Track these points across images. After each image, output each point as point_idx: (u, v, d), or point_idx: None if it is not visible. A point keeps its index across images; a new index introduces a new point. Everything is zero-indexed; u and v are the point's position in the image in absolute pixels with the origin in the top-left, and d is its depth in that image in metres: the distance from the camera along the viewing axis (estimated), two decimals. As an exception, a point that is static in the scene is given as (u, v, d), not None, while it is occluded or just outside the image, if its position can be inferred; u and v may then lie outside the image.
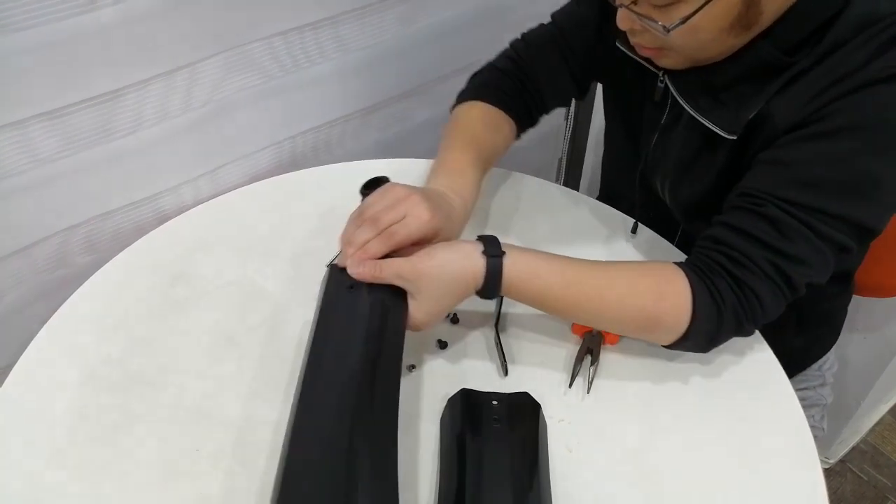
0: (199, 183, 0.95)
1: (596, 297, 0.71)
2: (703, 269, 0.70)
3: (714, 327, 0.69)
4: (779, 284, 0.68)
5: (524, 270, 0.70)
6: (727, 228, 0.69)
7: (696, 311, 0.68)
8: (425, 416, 0.73)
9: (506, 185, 1.03)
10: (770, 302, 0.68)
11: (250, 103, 0.94)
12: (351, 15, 0.96)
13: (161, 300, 0.84)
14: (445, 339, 0.80)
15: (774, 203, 0.66)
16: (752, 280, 0.68)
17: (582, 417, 0.73)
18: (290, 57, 0.94)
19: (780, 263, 0.67)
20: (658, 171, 0.85)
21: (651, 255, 0.91)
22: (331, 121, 1.05)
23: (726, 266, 0.69)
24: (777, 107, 0.68)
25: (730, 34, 0.66)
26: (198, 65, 0.86)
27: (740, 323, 0.69)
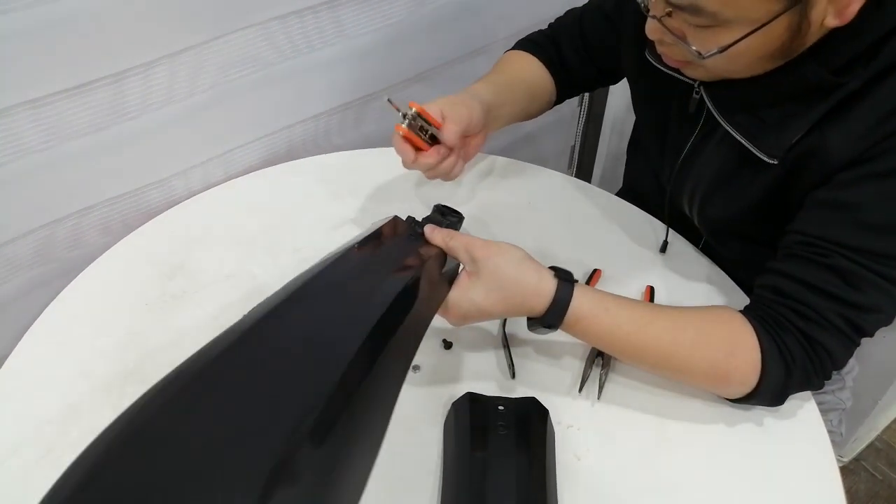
0: (195, 173, 0.92)
1: (667, 342, 0.67)
2: (772, 324, 0.66)
3: (783, 385, 0.66)
4: (850, 336, 0.64)
5: (594, 304, 0.66)
6: (792, 281, 0.65)
7: (766, 370, 0.65)
8: (428, 420, 0.70)
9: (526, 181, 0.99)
10: (841, 354, 0.65)
11: (246, 92, 0.91)
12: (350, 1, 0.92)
13: (158, 293, 0.81)
14: (451, 339, 0.77)
15: (841, 253, 0.62)
16: (822, 335, 0.64)
17: (591, 424, 0.70)
18: (289, 42, 0.91)
19: (850, 316, 0.63)
20: (686, 186, 0.79)
21: (681, 268, 0.86)
22: (331, 109, 1.02)
23: (795, 322, 0.64)
24: (831, 136, 0.62)
25: (769, 61, 0.61)
26: (190, 51, 0.82)
27: (809, 379, 0.66)
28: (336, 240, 0.87)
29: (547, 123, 1.41)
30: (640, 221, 0.93)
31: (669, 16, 0.60)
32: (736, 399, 0.69)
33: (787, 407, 0.70)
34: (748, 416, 0.71)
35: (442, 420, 0.70)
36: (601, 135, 1.49)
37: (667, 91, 0.76)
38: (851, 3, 0.54)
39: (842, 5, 0.54)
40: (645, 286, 0.83)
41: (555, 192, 0.97)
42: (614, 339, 0.68)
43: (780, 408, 0.70)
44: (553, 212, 0.94)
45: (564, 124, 1.46)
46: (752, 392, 0.67)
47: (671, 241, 0.88)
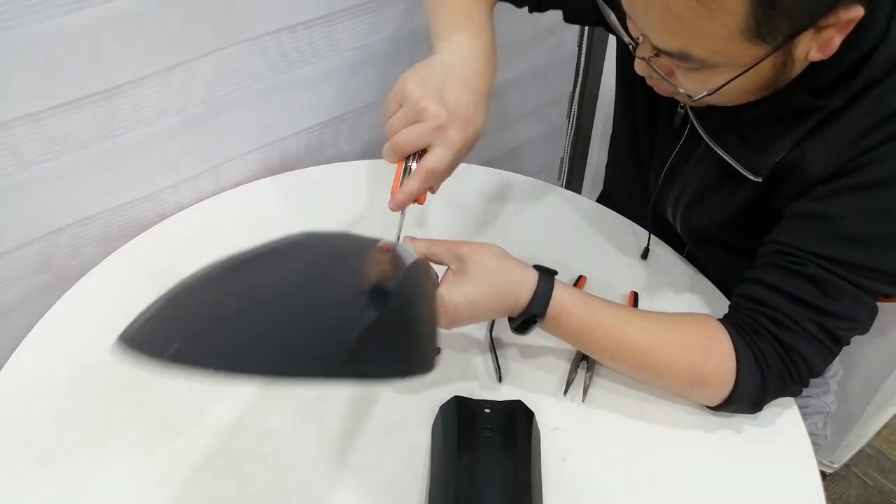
0: (187, 186, 0.94)
1: (644, 342, 0.69)
2: (748, 330, 0.67)
3: (759, 391, 0.68)
4: (825, 343, 0.66)
5: (575, 297, 0.68)
6: (768, 289, 0.67)
7: (741, 375, 0.67)
8: (416, 424, 0.71)
9: (511, 191, 1.01)
10: (817, 361, 0.67)
11: (239, 106, 0.93)
12: (344, 14, 0.94)
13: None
14: (439, 345, 0.78)
15: (815, 262, 0.64)
16: (797, 342, 0.66)
17: (577, 426, 0.72)
18: (281, 57, 0.93)
19: (825, 323, 0.65)
20: (670, 195, 0.81)
21: (664, 275, 0.88)
22: (324, 121, 1.04)
23: (770, 329, 0.66)
24: (810, 151, 0.64)
25: (755, 94, 0.63)
26: (186, 65, 0.84)
27: (786, 385, 0.68)
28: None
29: (535, 136, 1.43)
30: (624, 228, 0.95)
31: (657, 56, 0.60)
32: (714, 407, 0.71)
33: (767, 413, 0.71)
34: (729, 422, 0.72)
35: (430, 423, 0.71)
36: (590, 146, 1.51)
37: (653, 100, 0.78)
38: (833, 38, 0.55)
39: (824, 41, 0.56)
40: (629, 292, 0.84)
41: (540, 201, 0.99)
42: (593, 336, 0.69)
43: (761, 414, 0.71)
44: (538, 220, 0.95)
45: (553, 136, 1.48)
46: (728, 398, 0.68)
47: (653, 247, 0.90)
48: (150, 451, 0.69)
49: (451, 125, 0.66)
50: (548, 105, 1.40)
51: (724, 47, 0.55)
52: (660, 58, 0.60)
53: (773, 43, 0.54)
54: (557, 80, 1.37)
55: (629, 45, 0.63)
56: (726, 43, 0.54)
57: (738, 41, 0.54)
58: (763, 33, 0.53)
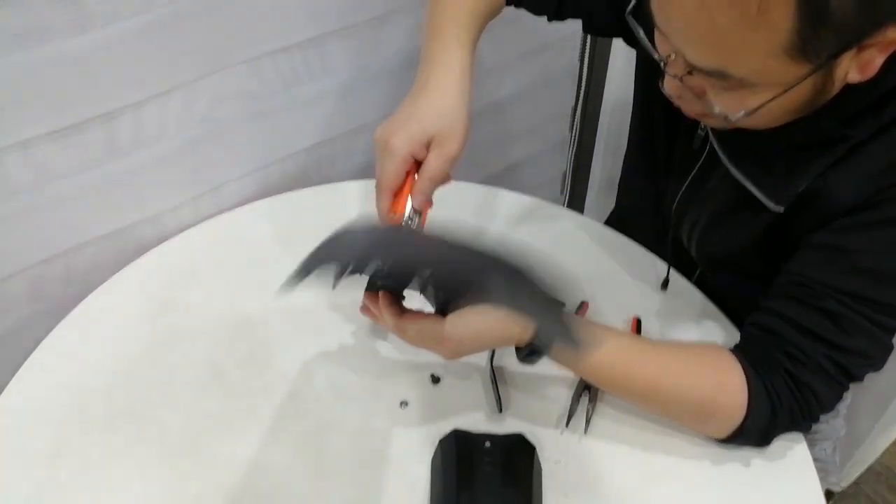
0: (185, 209, 0.93)
1: (653, 371, 0.67)
2: (760, 363, 0.66)
3: (768, 425, 0.66)
4: (838, 379, 0.64)
5: (585, 327, 0.68)
6: (783, 321, 0.65)
7: (751, 408, 0.65)
8: (415, 457, 0.70)
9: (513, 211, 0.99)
10: (828, 397, 0.65)
11: (237, 126, 0.92)
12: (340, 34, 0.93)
13: (148, 330, 0.82)
14: (439, 374, 0.77)
15: (834, 297, 0.62)
16: (810, 377, 0.64)
17: (579, 459, 0.70)
18: (278, 78, 0.92)
19: (839, 359, 0.63)
20: (686, 218, 0.79)
21: (675, 303, 0.86)
22: (321, 141, 1.03)
23: (783, 362, 0.65)
24: (834, 182, 0.61)
25: (790, 116, 0.60)
26: (182, 89, 0.83)
27: (795, 420, 0.66)
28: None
29: (538, 150, 1.42)
30: (633, 252, 0.93)
31: (690, 74, 0.57)
32: (722, 439, 0.69)
33: (775, 446, 0.70)
34: (735, 454, 0.71)
35: (429, 457, 0.70)
36: (593, 160, 1.50)
37: (672, 119, 0.75)
38: (874, 59, 0.53)
39: (864, 62, 0.53)
40: (631, 317, 0.83)
41: (543, 223, 0.97)
42: (601, 366, 0.68)
43: (768, 448, 0.70)
44: (541, 243, 0.94)
45: (556, 151, 1.47)
46: (737, 430, 0.67)
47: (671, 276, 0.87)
48: (146, 484, 0.68)
49: None
50: (550, 119, 1.38)
51: (764, 65, 0.52)
52: (693, 76, 0.57)
53: (816, 61, 0.52)
54: (560, 94, 1.36)
55: (659, 62, 0.60)
56: (767, 61, 0.52)
57: (780, 59, 0.51)
58: (807, 51, 0.50)
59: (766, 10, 0.48)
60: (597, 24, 0.83)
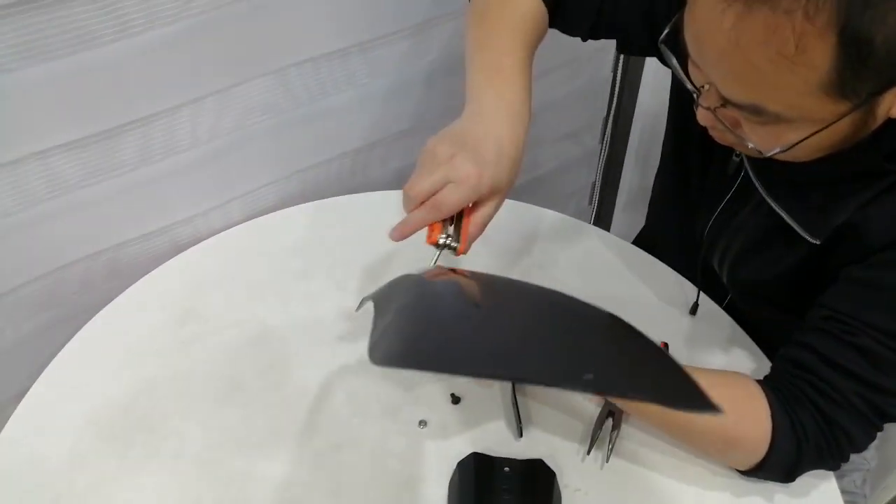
0: (207, 217, 0.93)
1: None
2: (788, 397, 0.64)
3: (793, 461, 0.64)
4: (870, 419, 0.62)
5: None
6: (815, 356, 0.63)
7: (775, 442, 0.63)
8: (433, 478, 0.69)
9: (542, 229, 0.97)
10: (860, 437, 0.63)
11: (265, 135, 0.92)
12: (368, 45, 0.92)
13: (169, 339, 0.81)
14: (459, 395, 0.76)
15: (869, 334, 0.60)
16: (840, 415, 0.62)
17: (599, 488, 0.69)
18: (304, 89, 0.91)
19: (872, 398, 0.61)
20: (718, 244, 0.76)
21: (705, 329, 0.84)
22: (344, 152, 1.02)
23: (812, 397, 0.62)
24: (874, 216, 0.59)
25: (828, 150, 0.57)
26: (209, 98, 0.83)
27: (822, 458, 0.64)
28: (348, 285, 0.87)
29: (567, 160, 1.40)
30: (660, 274, 0.90)
31: (723, 107, 0.55)
32: (745, 471, 0.67)
33: (801, 482, 0.67)
34: (759, 487, 0.68)
35: (447, 478, 0.69)
36: (623, 171, 1.47)
37: (707, 141, 0.74)
38: None
39: None
40: (659, 342, 0.81)
41: (570, 241, 0.95)
42: None
43: (794, 483, 0.67)
44: (568, 262, 0.92)
45: (585, 161, 1.45)
46: (761, 464, 0.65)
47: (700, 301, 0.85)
48: (161, 498, 0.67)
49: (464, 161, 0.62)
50: (581, 130, 1.36)
51: (801, 102, 0.50)
52: (726, 108, 0.55)
53: (856, 100, 0.49)
54: (591, 105, 1.34)
55: (693, 93, 0.58)
56: (804, 98, 0.49)
57: (818, 97, 0.49)
58: (846, 90, 0.48)
59: (804, 49, 0.45)
60: (631, 44, 0.81)
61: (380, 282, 0.87)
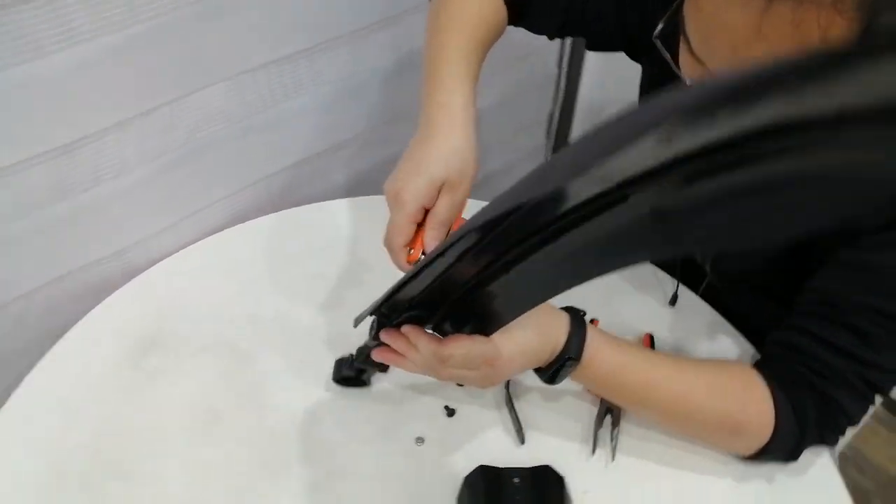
0: (166, 236, 0.87)
1: (679, 386, 0.65)
2: (786, 380, 0.65)
3: (796, 442, 0.65)
4: (866, 395, 0.64)
5: (606, 339, 0.65)
6: (810, 338, 0.64)
7: (779, 426, 0.64)
8: (440, 497, 0.66)
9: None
10: (856, 412, 0.64)
11: (218, 147, 0.86)
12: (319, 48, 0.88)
13: (132, 373, 0.75)
14: (453, 406, 0.74)
15: (861, 314, 0.61)
16: (837, 393, 0.63)
17: (607, 488, 0.68)
18: (257, 96, 0.86)
19: (868, 375, 0.62)
20: None
21: (686, 319, 0.84)
22: (304, 158, 0.98)
23: (810, 379, 0.64)
24: None
25: None
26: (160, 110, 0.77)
27: (823, 435, 0.65)
28: (319, 298, 0.83)
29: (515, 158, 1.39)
30: (637, 268, 0.91)
31: None
32: (749, 456, 0.68)
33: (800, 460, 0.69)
34: (761, 470, 0.69)
35: (454, 495, 0.66)
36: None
37: None
38: None
39: None
40: (643, 334, 0.81)
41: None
42: (625, 382, 0.66)
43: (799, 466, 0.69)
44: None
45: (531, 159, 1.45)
46: (765, 448, 0.66)
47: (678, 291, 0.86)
48: (146, 552, 0.62)
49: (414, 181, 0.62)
50: (526, 127, 1.36)
51: None
52: None
53: None
54: (535, 102, 1.33)
55: None
56: None
57: None
58: None
59: (828, 41, 0.45)
60: (602, 41, 0.80)
61: (354, 293, 0.84)
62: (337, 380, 0.74)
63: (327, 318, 0.82)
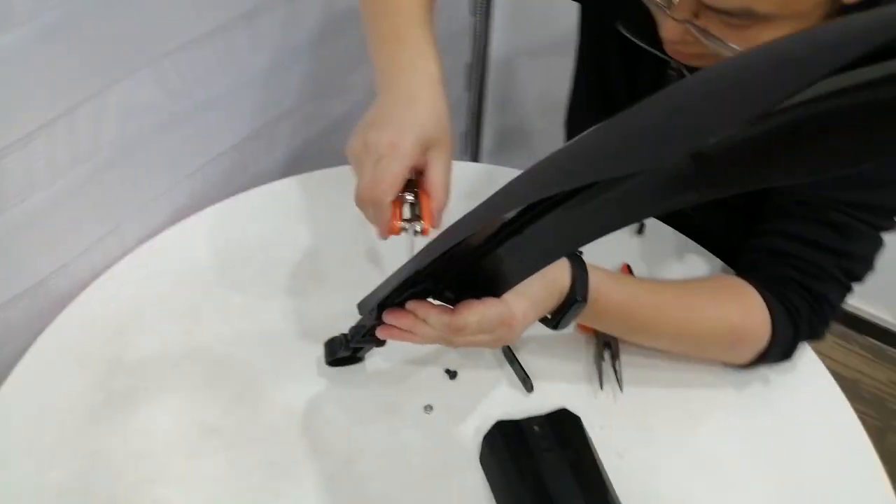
0: (108, 243, 0.79)
1: (681, 309, 0.67)
2: (775, 283, 0.67)
3: (792, 341, 0.68)
4: (846, 284, 0.67)
5: (606, 275, 0.65)
6: (791, 240, 0.67)
7: (776, 329, 0.67)
8: (462, 460, 0.65)
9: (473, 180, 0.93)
10: (839, 302, 0.68)
11: (148, 140, 0.78)
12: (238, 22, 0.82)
13: (102, 398, 0.68)
14: (453, 369, 0.72)
15: (838, 209, 0.64)
16: (824, 288, 0.67)
17: (621, 419, 0.69)
18: (180, 80, 0.79)
19: (849, 267, 0.66)
20: None
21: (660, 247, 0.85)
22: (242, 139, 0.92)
23: (797, 278, 0.67)
24: None
25: None
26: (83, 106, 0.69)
27: (814, 329, 0.68)
28: (285, 286, 0.78)
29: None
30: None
31: (697, 17, 0.55)
32: (746, 364, 0.71)
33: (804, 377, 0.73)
34: (756, 373, 0.73)
35: (475, 456, 0.65)
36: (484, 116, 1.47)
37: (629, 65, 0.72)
38: None
39: None
40: (621, 264, 0.82)
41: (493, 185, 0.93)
42: (632, 313, 0.66)
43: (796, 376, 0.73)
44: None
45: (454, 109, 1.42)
46: (764, 352, 0.68)
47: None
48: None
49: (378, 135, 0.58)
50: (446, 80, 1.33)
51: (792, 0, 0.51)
52: (700, 18, 0.55)
53: None
54: (453, 53, 1.30)
55: (661, 7, 0.57)
56: None
57: None
58: None
59: None
60: None
61: (320, 276, 0.80)
62: (330, 362, 0.71)
63: (299, 304, 0.77)
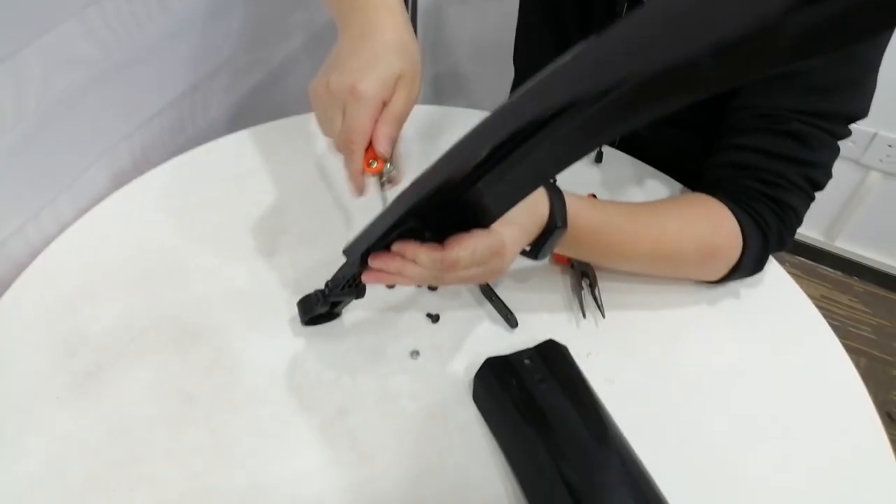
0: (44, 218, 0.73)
1: (656, 229, 0.67)
2: (742, 197, 0.69)
3: (762, 252, 0.70)
4: (809, 193, 0.69)
5: (581, 200, 0.64)
6: (754, 153, 0.68)
7: (747, 241, 0.68)
8: (455, 401, 0.64)
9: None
10: (804, 210, 0.70)
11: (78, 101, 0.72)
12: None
13: (64, 379, 0.64)
14: (435, 311, 0.71)
15: (798, 119, 0.66)
16: (789, 197, 0.68)
17: (606, 345, 0.70)
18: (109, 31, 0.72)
19: (811, 174, 0.68)
20: None
21: (619, 174, 0.85)
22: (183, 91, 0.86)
23: (763, 190, 0.69)
24: None
25: None
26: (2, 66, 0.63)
27: (782, 239, 0.70)
28: (244, 246, 0.75)
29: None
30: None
31: None
32: (718, 279, 0.72)
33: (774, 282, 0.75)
34: (726, 288, 0.75)
35: (468, 395, 0.65)
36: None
37: None
38: None
39: None
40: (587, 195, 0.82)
41: (442, 126, 0.91)
42: (609, 237, 0.67)
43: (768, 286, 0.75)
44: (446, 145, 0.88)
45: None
46: (735, 266, 0.70)
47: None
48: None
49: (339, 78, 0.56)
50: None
51: None
52: None
53: None
54: None
55: None
56: None
57: None
58: None
59: None
60: None
61: (279, 233, 0.77)
62: (307, 321, 0.68)
63: (261, 265, 0.74)
